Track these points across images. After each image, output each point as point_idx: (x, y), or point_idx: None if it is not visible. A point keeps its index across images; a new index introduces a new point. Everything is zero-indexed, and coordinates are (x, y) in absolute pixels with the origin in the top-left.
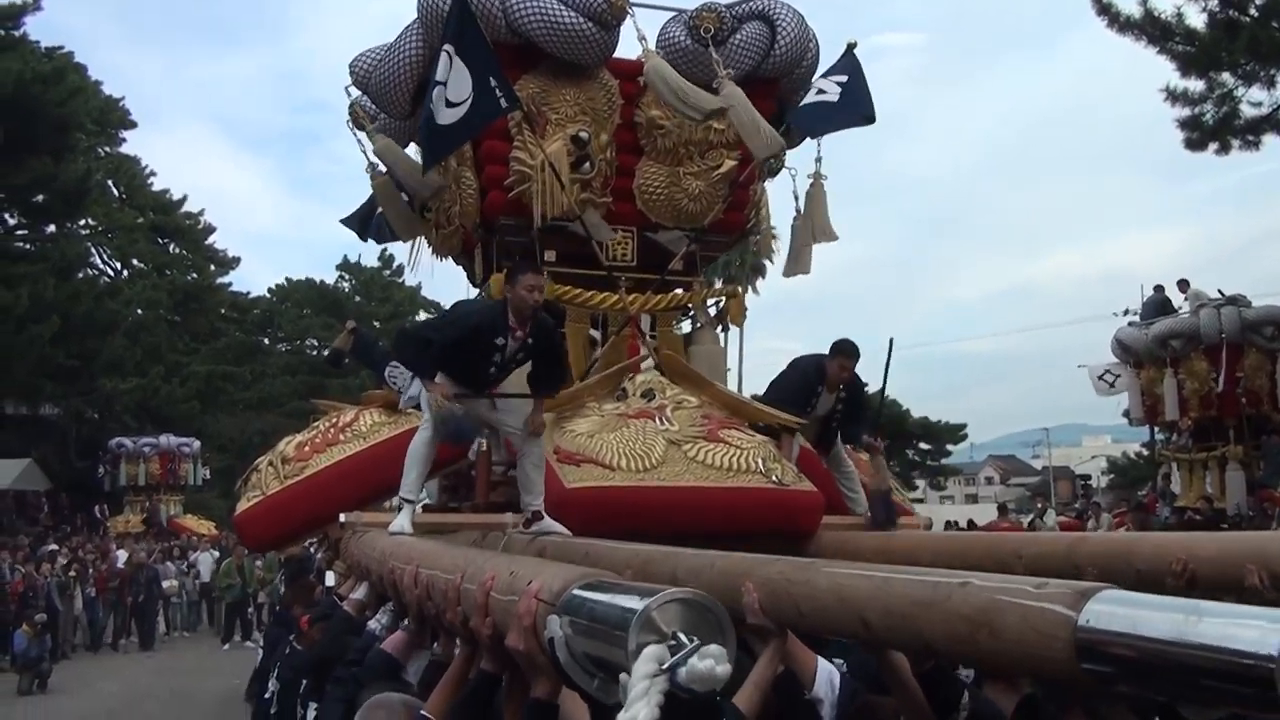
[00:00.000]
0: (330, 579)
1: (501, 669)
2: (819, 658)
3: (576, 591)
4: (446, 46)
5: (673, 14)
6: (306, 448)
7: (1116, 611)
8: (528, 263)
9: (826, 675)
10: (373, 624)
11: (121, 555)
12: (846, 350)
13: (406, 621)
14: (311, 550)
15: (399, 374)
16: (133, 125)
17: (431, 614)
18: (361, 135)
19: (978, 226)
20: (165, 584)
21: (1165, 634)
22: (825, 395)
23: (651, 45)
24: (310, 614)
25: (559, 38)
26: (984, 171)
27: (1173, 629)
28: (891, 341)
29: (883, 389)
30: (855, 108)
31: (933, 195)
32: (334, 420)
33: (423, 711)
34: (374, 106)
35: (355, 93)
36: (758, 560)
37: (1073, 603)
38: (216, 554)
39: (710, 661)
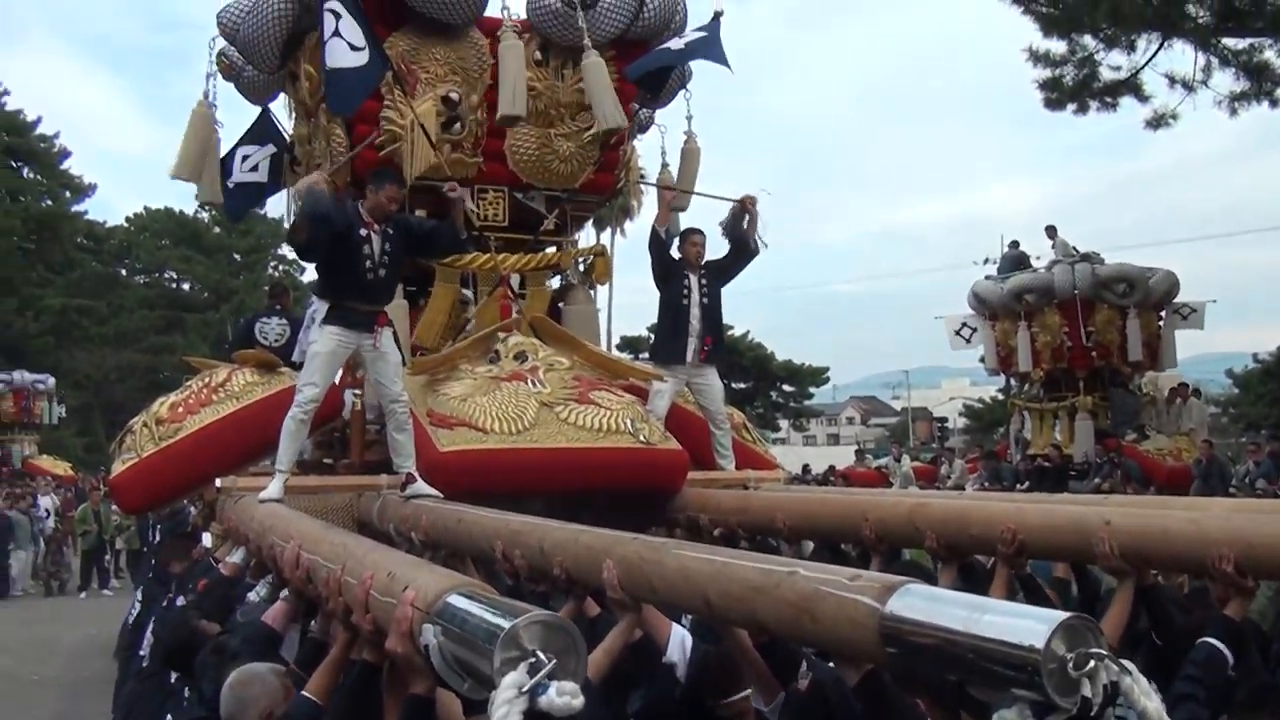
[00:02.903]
0: (207, 540)
1: (382, 660)
2: (673, 624)
3: (449, 601)
4: (331, 4)
5: None
6: (180, 409)
7: (916, 604)
8: (391, 173)
9: (680, 639)
10: (252, 595)
11: None
12: (692, 230)
13: (286, 592)
14: (185, 504)
15: (269, 328)
16: None
17: (313, 594)
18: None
19: (847, 171)
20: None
21: (956, 625)
22: (692, 277)
23: (521, 6)
24: (187, 572)
25: None
26: (854, 117)
27: (961, 621)
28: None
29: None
30: (703, 51)
31: (803, 138)
32: (207, 380)
33: (305, 693)
34: (241, 58)
35: (222, 43)
36: (616, 538)
37: (880, 595)
38: (57, 500)
39: (567, 697)
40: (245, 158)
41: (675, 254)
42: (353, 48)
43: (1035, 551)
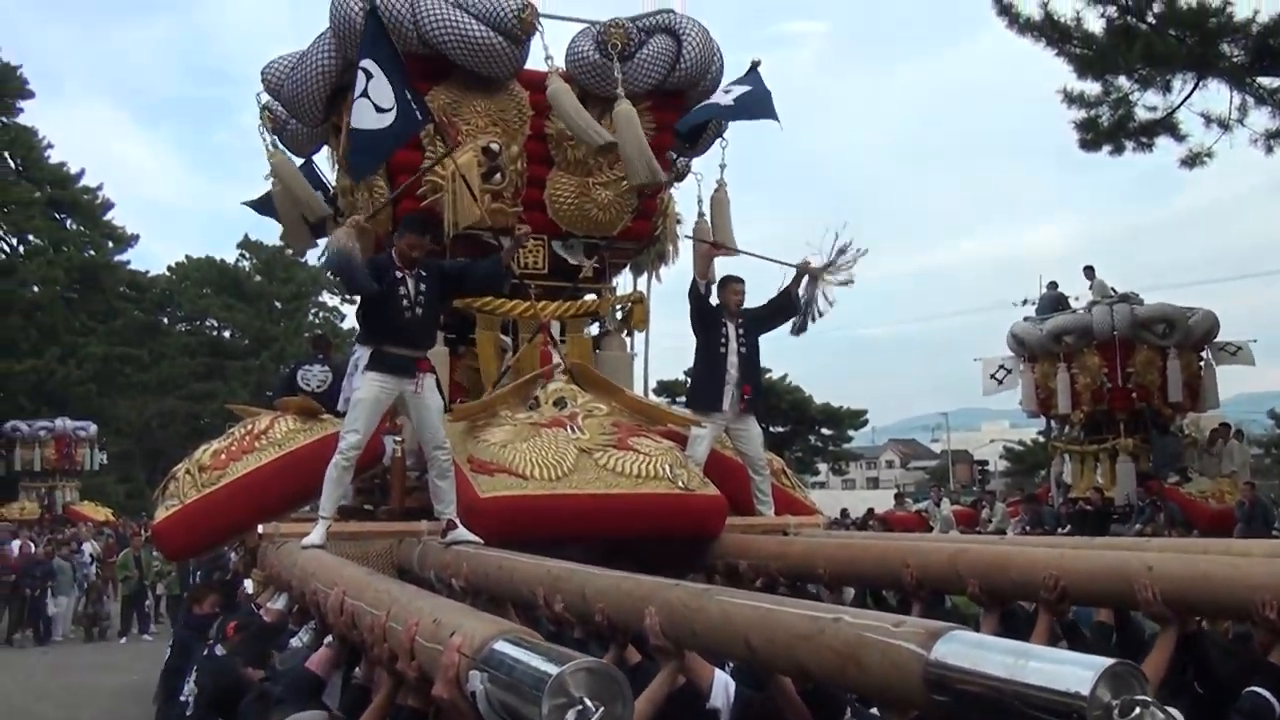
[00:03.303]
0: (248, 586)
1: (428, 706)
2: (715, 670)
3: (496, 647)
4: (365, 63)
5: (582, 27)
6: (223, 456)
7: (961, 651)
8: (415, 224)
9: (723, 685)
10: (295, 641)
11: (15, 545)
12: (732, 278)
13: (329, 639)
14: (226, 550)
15: (312, 375)
16: (30, 95)
17: (357, 640)
18: (273, 139)
19: (882, 212)
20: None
21: (1001, 672)
22: (730, 325)
23: (560, 58)
24: (237, 621)
25: (470, 51)
26: (888, 159)
27: (1006, 668)
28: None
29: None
30: (752, 109)
31: (840, 181)
32: (249, 427)
33: None
34: (285, 112)
35: (266, 97)
36: (658, 584)
37: (924, 642)
38: (98, 546)
39: None
40: None
41: (713, 300)
42: (378, 109)
43: (1078, 598)
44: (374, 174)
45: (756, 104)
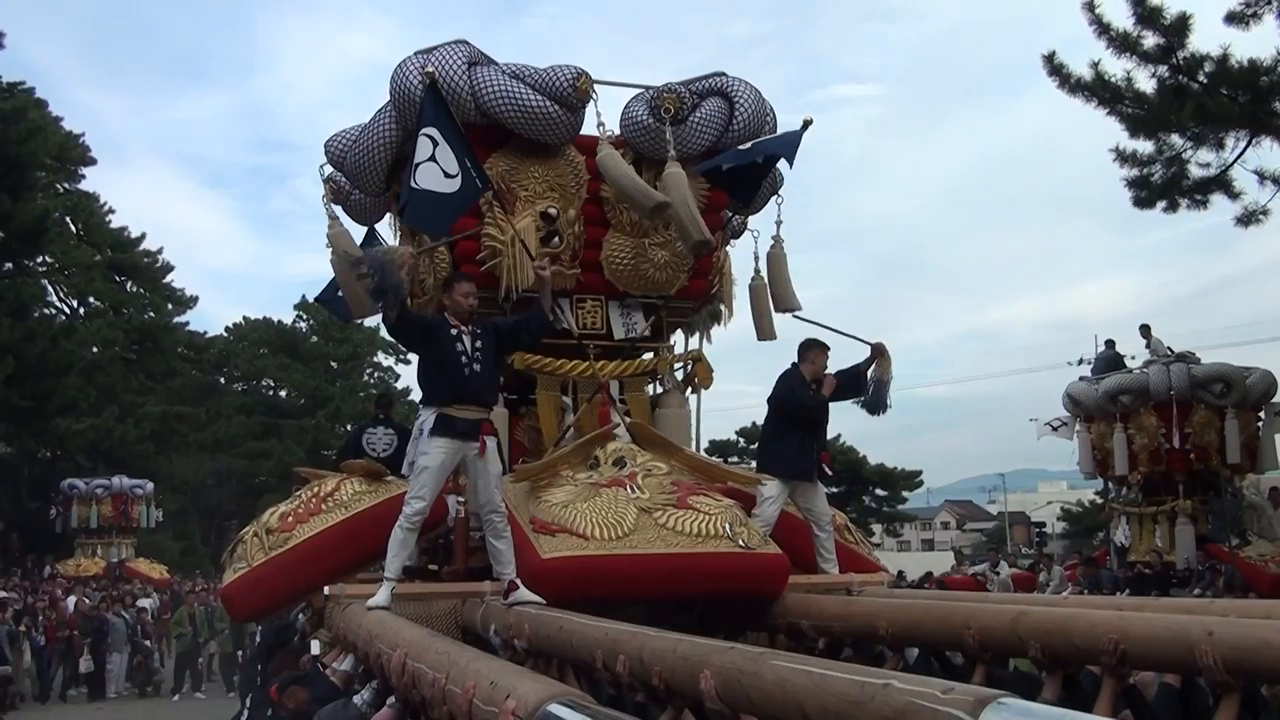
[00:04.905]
0: (315, 648)
1: None
2: None
3: (550, 710)
4: (429, 130)
5: (637, 92)
6: (290, 518)
7: (1009, 719)
8: (460, 274)
9: None
10: (357, 699)
11: (71, 601)
12: (816, 346)
13: (391, 699)
14: (294, 614)
15: (377, 439)
16: (92, 162)
17: (417, 701)
18: (334, 209)
19: (935, 272)
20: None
21: None
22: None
23: (614, 124)
24: (279, 682)
25: (526, 119)
26: (942, 219)
27: None
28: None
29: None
30: (769, 147)
31: (892, 241)
32: (316, 490)
33: None
34: (348, 183)
35: (329, 169)
36: (714, 648)
37: (972, 709)
38: (156, 601)
39: None
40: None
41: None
42: (446, 174)
43: (1138, 662)
44: (442, 232)
45: (775, 143)
